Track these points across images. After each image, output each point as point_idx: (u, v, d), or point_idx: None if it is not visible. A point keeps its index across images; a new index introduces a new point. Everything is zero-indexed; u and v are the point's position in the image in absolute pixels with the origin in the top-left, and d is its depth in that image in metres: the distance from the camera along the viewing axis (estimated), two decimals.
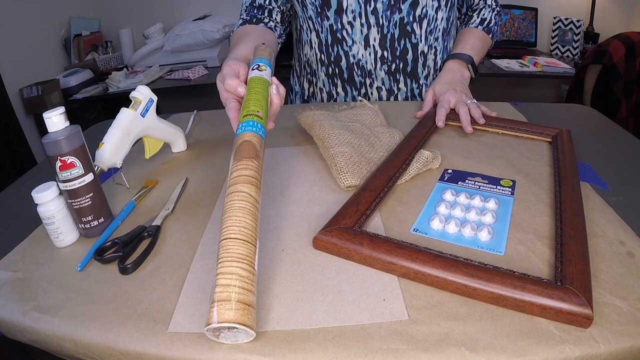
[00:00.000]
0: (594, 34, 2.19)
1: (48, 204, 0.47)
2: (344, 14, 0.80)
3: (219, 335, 0.35)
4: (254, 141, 0.42)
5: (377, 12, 0.79)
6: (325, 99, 0.93)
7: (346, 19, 0.80)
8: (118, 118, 0.60)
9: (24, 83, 1.91)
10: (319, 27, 0.83)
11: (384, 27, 0.80)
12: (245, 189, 0.39)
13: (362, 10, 0.79)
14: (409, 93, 0.90)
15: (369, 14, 0.79)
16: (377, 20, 0.80)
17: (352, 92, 0.89)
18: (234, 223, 0.37)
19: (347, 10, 0.79)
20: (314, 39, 0.86)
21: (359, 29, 0.81)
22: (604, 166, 0.60)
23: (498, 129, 0.71)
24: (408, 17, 0.80)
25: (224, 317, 0.33)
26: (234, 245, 0.36)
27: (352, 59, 0.84)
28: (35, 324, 0.39)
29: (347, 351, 0.34)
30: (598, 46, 1.64)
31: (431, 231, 0.48)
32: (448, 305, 0.38)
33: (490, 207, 0.51)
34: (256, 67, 0.52)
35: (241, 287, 0.34)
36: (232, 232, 0.37)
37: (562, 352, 0.33)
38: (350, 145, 0.62)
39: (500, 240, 0.45)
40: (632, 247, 0.44)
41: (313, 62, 0.89)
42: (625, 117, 1.59)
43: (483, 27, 0.89)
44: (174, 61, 2.27)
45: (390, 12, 0.79)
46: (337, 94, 0.90)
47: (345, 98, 0.90)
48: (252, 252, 0.37)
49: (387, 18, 0.80)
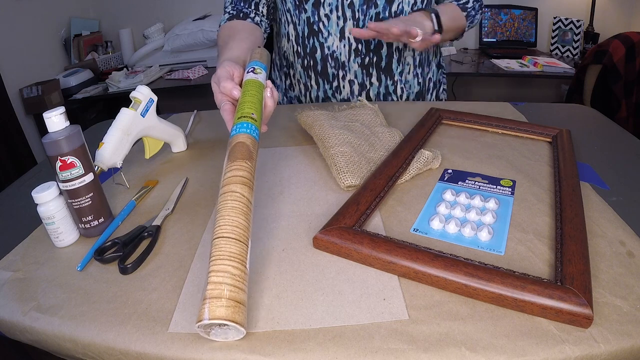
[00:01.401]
0: (594, 34, 2.19)
1: (48, 204, 0.47)
2: (321, 7, 0.82)
3: (210, 332, 0.35)
4: (247, 142, 0.43)
5: (353, 5, 0.81)
6: (302, 91, 0.93)
7: (323, 12, 0.82)
8: (118, 118, 0.60)
9: (24, 83, 1.92)
10: (296, 20, 0.85)
11: (359, 20, 0.82)
12: (239, 189, 0.40)
13: (339, 4, 0.81)
14: (383, 90, 0.89)
15: (346, 7, 0.81)
16: (353, 14, 0.81)
17: (324, 85, 0.89)
18: (226, 222, 0.38)
19: (325, 3, 0.81)
20: (292, 31, 0.87)
21: (335, 22, 0.82)
22: (604, 166, 0.60)
23: (498, 129, 0.71)
24: (384, 12, 0.81)
25: (215, 314, 0.33)
26: (226, 244, 0.36)
27: (327, 50, 0.85)
28: (35, 323, 0.39)
29: (347, 351, 0.34)
30: (598, 46, 1.64)
31: (431, 231, 0.48)
32: (448, 305, 0.38)
33: (491, 207, 0.51)
34: (252, 70, 0.53)
35: (232, 285, 0.35)
36: (225, 231, 0.37)
37: (562, 352, 0.33)
38: (350, 145, 0.62)
39: (500, 240, 0.45)
40: (632, 247, 0.44)
41: (290, 54, 0.91)
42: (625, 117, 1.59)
43: (458, 3, 0.87)
44: (174, 61, 2.27)
45: (366, 6, 0.81)
46: (311, 86, 0.91)
47: (317, 92, 0.91)
48: (244, 251, 0.37)
49: (363, 12, 0.81)
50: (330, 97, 0.90)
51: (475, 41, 2.49)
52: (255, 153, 0.44)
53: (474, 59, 2.27)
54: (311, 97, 0.92)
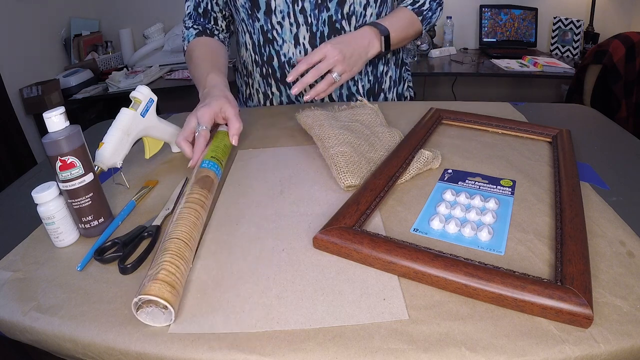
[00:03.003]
0: (594, 34, 2.19)
1: (48, 204, 0.47)
2: (273, 15, 0.81)
3: (141, 312, 0.38)
4: (210, 175, 0.56)
5: (305, 11, 0.80)
6: (261, 101, 0.94)
7: (275, 19, 0.82)
8: (118, 118, 0.60)
9: (24, 83, 1.92)
10: (251, 29, 0.85)
11: (312, 25, 0.82)
12: (195, 207, 0.49)
13: (291, 10, 0.80)
14: (345, 91, 0.89)
15: (297, 13, 0.81)
16: (305, 19, 0.81)
17: (286, 90, 0.90)
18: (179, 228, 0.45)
19: (276, 11, 0.81)
20: (248, 40, 0.88)
21: (288, 28, 0.82)
22: (604, 166, 0.60)
23: (498, 129, 0.71)
24: (336, 14, 0.81)
25: (146, 291, 0.37)
26: (172, 244, 0.43)
27: (284, 58, 0.85)
28: (35, 324, 0.39)
29: (347, 351, 0.34)
30: (598, 46, 1.64)
31: (431, 231, 0.48)
32: (448, 305, 0.38)
33: (491, 206, 0.51)
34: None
35: (168, 271, 0.39)
36: (175, 234, 0.44)
37: (562, 352, 0.33)
38: (350, 145, 0.62)
39: (500, 240, 0.45)
40: (632, 247, 0.44)
41: (249, 63, 0.91)
42: (625, 117, 1.59)
43: (413, 8, 0.85)
44: (174, 61, 2.27)
45: (318, 10, 0.80)
46: (272, 93, 0.91)
47: (280, 97, 0.91)
48: (188, 250, 0.44)
49: (315, 16, 0.81)
50: (294, 102, 0.91)
51: (475, 41, 2.49)
52: (215, 185, 0.57)
53: (473, 59, 2.28)
54: (273, 104, 0.93)
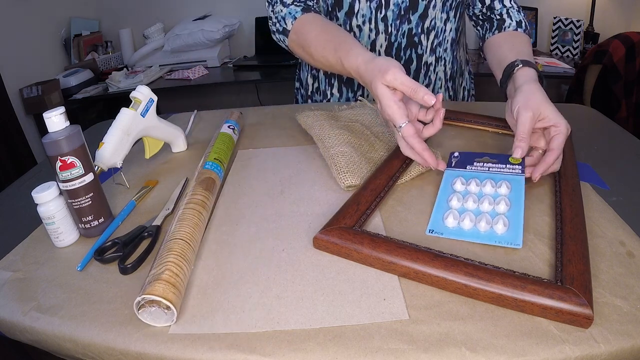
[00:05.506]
0: (594, 34, 2.19)
1: (48, 204, 0.47)
2: (354, 17, 0.80)
3: (142, 312, 0.38)
4: (213, 177, 0.57)
5: (386, 20, 0.79)
6: (319, 100, 0.93)
7: (356, 22, 0.81)
8: (118, 118, 0.60)
9: (24, 83, 1.91)
10: None
11: (392, 35, 0.81)
12: (198, 208, 0.50)
13: (373, 16, 0.79)
14: None
15: (379, 20, 0.80)
16: (385, 28, 0.80)
17: (347, 93, 0.89)
18: (182, 228, 0.46)
19: (358, 14, 0.80)
20: None
21: (367, 34, 0.81)
22: (604, 166, 0.60)
23: (498, 129, 0.71)
24: (416, 28, 0.80)
25: (148, 291, 0.37)
26: (175, 244, 0.43)
27: None
28: (36, 324, 0.39)
29: (347, 351, 0.34)
30: (598, 46, 1.64)
31: (447, 230, 0.47)
32: (448, 305, 0.38)
33: (503, 192, 0.50)
34: (229, 126, 0.71)
35: (172, 272, 0.39)
36: (179, 234, 0.45)
37: (562, 352, 0.33)
38: (351, 145, 0.62)
39: (516, 232, 0.45)
40: (632, 247, 0.44)
41: None
42: (625, 117, 1.59)
43: (524, 30, 0.78)
44: (174, 61, 2.27)
45: (399, 21, 0.79)
46: (332, 94, 0.91)
47: (339, 100, 0.91)
48: (191, 251, 0.44)
49: (395, 27, 0.80)
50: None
51: (476, 41, 2.49)
52: (218, 185, 0.58)
53: (474, 59, 2.27)
54: None
